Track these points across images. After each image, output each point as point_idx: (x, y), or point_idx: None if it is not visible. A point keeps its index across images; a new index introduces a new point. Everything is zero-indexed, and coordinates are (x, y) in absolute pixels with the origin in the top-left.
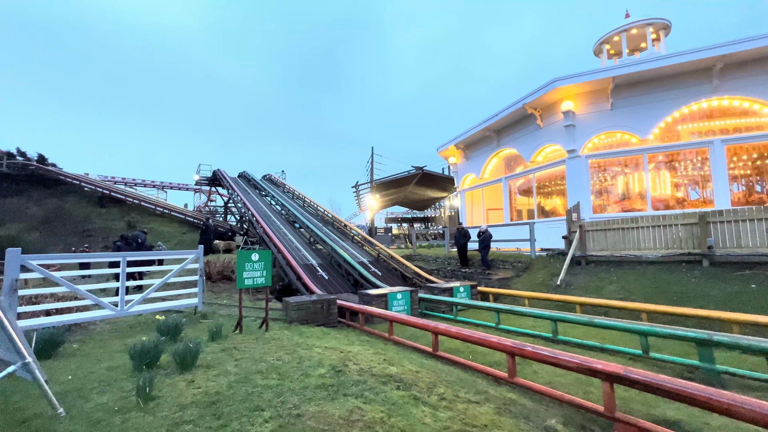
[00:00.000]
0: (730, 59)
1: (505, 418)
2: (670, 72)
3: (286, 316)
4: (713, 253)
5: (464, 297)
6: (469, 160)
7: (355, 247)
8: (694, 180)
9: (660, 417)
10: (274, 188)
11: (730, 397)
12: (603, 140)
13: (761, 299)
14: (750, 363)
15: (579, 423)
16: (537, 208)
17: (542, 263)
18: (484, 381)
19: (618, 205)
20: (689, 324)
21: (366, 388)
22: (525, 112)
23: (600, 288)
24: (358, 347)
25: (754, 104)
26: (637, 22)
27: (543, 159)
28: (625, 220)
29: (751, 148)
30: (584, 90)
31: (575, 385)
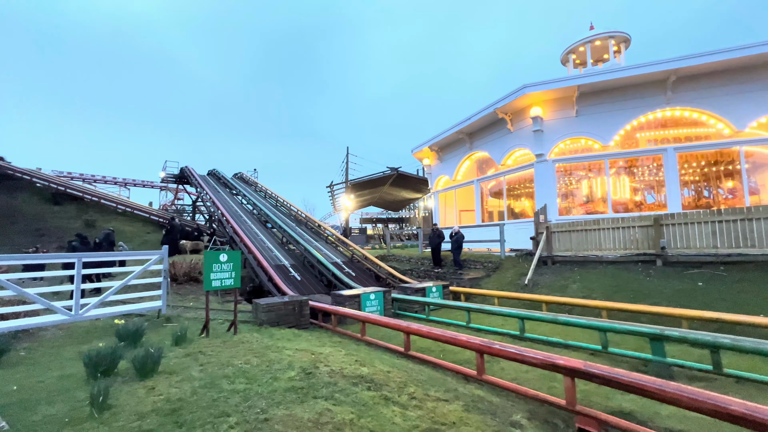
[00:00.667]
0: (681, 73)
1: (473, 415)
2: (629, 83)
3: (256, 318)
4: (666, 253)
5: (437, 297)
6: (442, 162)
7: (328, 248)
8: (651, 185)
9: (616, 408)
10: (246, 187)
11: (676, 387)
12: (569, 145)
13: (707, 296)
14: (696, 355)
15: (543, 417)
16: (507, 210)
17: (511, 263)
18: (454, 379)
19: (582, 208)
20: (644, 320)
21: (336, 390)
22: (496, 117)
23: (564, 287)
24: (329, 349)
25: (702, 115)
26: (601, 34)
27: (513, 162)
28: (588, 222)
29: (700, 156)
30: (552, 97)
31: (540, 381)
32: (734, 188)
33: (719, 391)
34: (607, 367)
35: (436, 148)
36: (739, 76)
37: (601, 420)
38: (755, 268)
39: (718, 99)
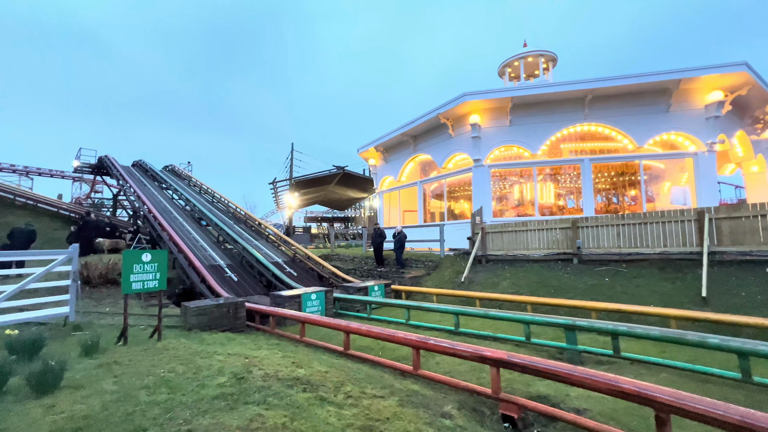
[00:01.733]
0: (596, 93)
1: (407, 409)
2: (555, 98)
3: (185, 322)
4: (581, 252)
5: (378, 295)
6: (387, 162)
7: (270, 247)
8: (571, 191)
9: (535, 393)
10: (178, 181)
11: (582, 371)
12: (503, 152)
13: (612, 290)
14: (601, 342)
15: (471, 406)
16: (447, 211)
17: (450, 262)
18: (391, 376)
19: (514, 211)
20: (562, 312)
21: (270, 394)
22: (439, 122)
23: (496, 284)
24: (266, 351)
25: (612, 131)
26: (532, 52)
27: (454, 166)
28: (518, 224)
29: (611, 167)
30: (489, 106)
31: (471, 372)
32: (636, 196)
33: (617, 372)
34: (527, 356)
35: (381, 149)
36: (639, 99)
37: (521, 405)
38: (649, 264)
39: (624, 118)
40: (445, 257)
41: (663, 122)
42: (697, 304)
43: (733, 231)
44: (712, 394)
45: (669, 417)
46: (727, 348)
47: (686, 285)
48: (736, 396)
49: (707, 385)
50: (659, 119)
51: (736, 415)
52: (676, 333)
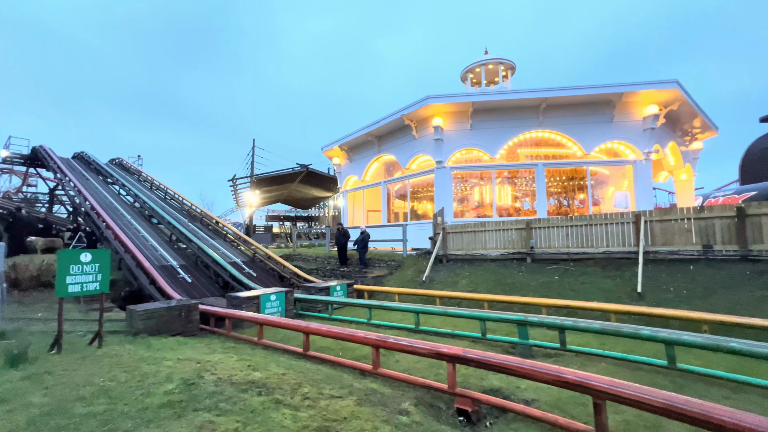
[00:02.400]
0: (549, 102)
1: (364, 408)
2: (512, 105)
3: (132, 327)
4: (534, 252)
5: (341, 295)
6: (352, 162)
7: (228, 247)
8: (527, 194)
9: (488, 387)
10: (126, 176)
11: (531, 364)
12: (464, 155)
13: (561, 287)
14: (550, 336)
15: (429, 402)
16: (411, 212)
17: (412, 261)
18: (350, 375)
19: (474, 212)
20: (516, 309)
21: (222, 399)
22: (403, 123)
23: (456, 282)
24: (220, 355)
25: (563, 138)
26: (493, 59)
27: (417, 167)
28: (477, 225)
29: (562, 172)
30: (451, 110)
31: (429, 369)
32: (584, 200)
33: (563, 364)
34: (481, 352)
35: (346, 148)
36: (587, 110)
37: (475, 398)
38: (594, 263)
39: (574, 126)
40: (407, 257)
41: (607, 131)
42: (634, 299)
43: (664, 232)
44: (643, 381)
45: (605, 403)
46: (656, 338)
47: (625, 281)
48: (663, 381)
49: (639, 372)
50: (604, 129)
51: (660, 398)
52: (614, 326)
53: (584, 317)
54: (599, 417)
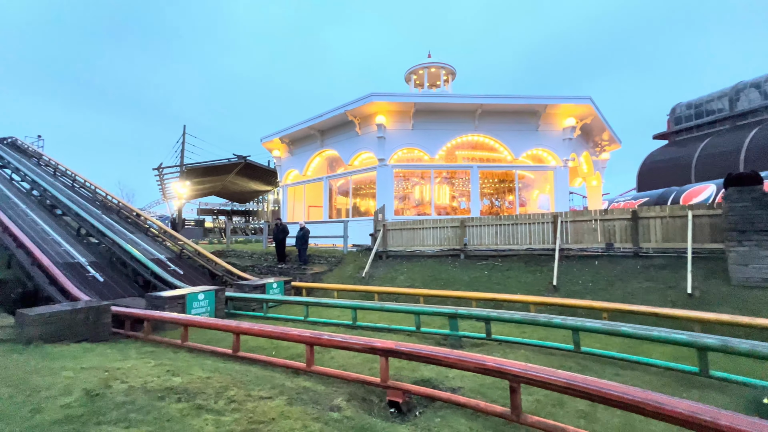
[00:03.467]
0: (485, 108)
1: (295, 407)
2: (451, 108)
3: (23, 334)
4: (467, 248)
5: (277, 293)
6: (293, 155)
7: (150, 242)
8: (463, 194)
9: (419, 378)
10: (22, 159)
11: (457, 354)
12: (405, 154)
13: (490, 281)
14: (478, 327)
15: (362, 396)
16: (353, 208)
17: (353, 258)
18: (283, 375)
19: (414, 210)
20: (449, 302)
21: (133, 409)
22: (346, 118)
23: (394, 278)
24: (134, 362)
25: (496, 143)
26: (435, 63)
27: (360, 164)
28: (416, 222)
29: (494, 174)
30: (394, 109)
31: (364, 364)
32: (512, 201)
33: (488, 352)
34: (413, 344)
35: (287, 141)
36: (517, 117)
37: (406, 390)
38: (518, 259)
39: (506, 132)
40: (348, 253)
41: (534, 139)
42: (550, 291)
43: (577, 231)
44: (554, 364)
45: (519, 386)
46: (565, 326)
47: (543, 275)
48: (570, 363)
49: (552, 356)
50: (531, 136)
51: (563, 379)
52: (531, 316)
53: (508, 309)
54: (514, 398)
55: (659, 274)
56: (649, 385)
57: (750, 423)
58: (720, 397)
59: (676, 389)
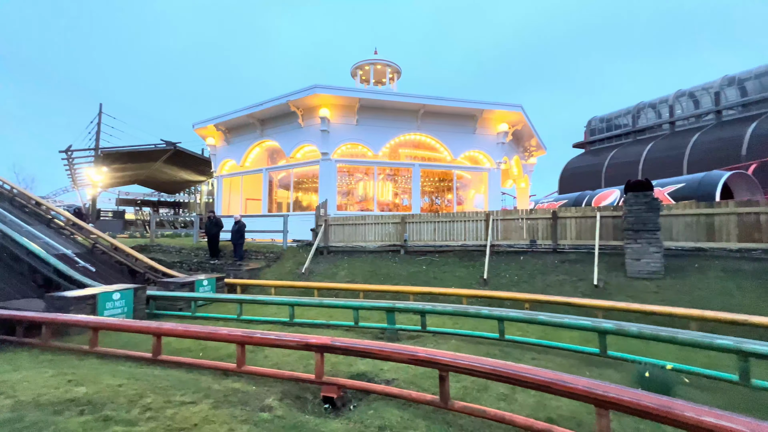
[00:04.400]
0: (427, 108)
1: (221, 411)
2: (396, 107)
3: None
4: (407, 244)
5: (208, 291)
6: (230, 144)
7: (54, 235)
8: (406, 191)
9: (355, 372)
10: None
11: (391, 347)
12: (349, 149)
13: (427, 275)
14: (414, 320)
15: (296, 395)
16: (294, 202)
17: (292, 253)
18: (210, 377)
19: (358, 205)
20: (388, 297)
21: (22, 427)
22: (289, 109)
23: (335, 273)
24: (27, 372)
25: (437, 143)
26: (381, 60)
27: (302, 156)
28: (358, 218)
29: (434, 173)
30: (339, 102)
31: (299, 361)
32: (451, 199)
33: (423, 344)
34: (348, 339)
35: (223, 128)
36: (457, 120)
37: (340, 385)
38: (454, 254)
39: (446, 134)
40: (288, 249)
41: (471, 141)
42: (481, 285)
43: (506, 229)
44: (481, 352)
45: (448, 374)
46: (492, 316)
47: (476, 270)
48: (495, 351)
49: (480, 345)
50: (469, 139)
51: (487, 365)
52: (463, 308)
53: (443, 302)
54: (443, 386)
55: (573, 268)
56: (560, 366)
57: (633, 393)
58: (615, 374)
59: (581, 369)
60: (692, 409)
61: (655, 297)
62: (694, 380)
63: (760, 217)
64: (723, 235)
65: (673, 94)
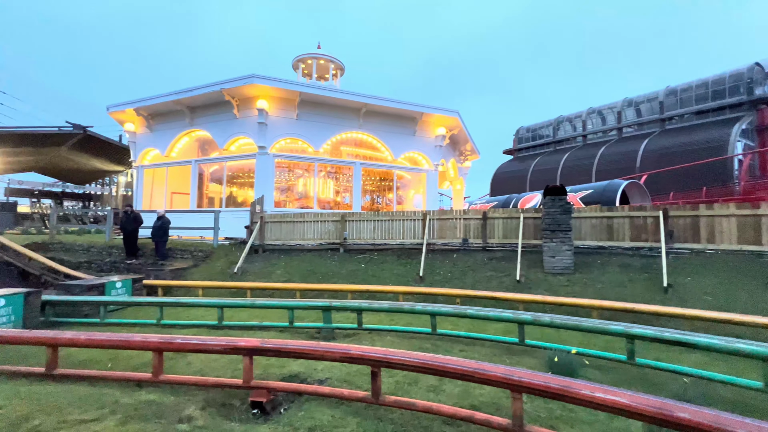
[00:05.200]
0: (369, 108)
1: (129, 426)
2: (338, 104)
3: None
4: (347, 242)
5: (122, 294)
6: (153, 132)
7: None
8: (347, 189)
9: (288, 374)
10: None
11: (325, 345)
12: (289, 144)
13: (366, 273)
14: (351, 318)
15: (220, 402)
16: (228, 198)
17: (224, 252)
18: (119, 390)
19: (298, 202)
20: (326, 295)
21: None
22: (223, 98)
23: (271, 273)
24: None
25: (378, 143)
26: (324, 55)
27: (237, 149)
28: (296, 215)
29: (376, 173)
30: (278, 95)
31: (228, 366)
32: (391, 199)
33: (359, 341)
34: (280, 340)
35: (146, 114)
36: (398, 121)
37: (271, 388)
38: (392, 252)
39: (387, 134)
40: (219, 247)
41: (411, 143)
42: (417, 282)
43: (441, 228)
44: (414, 347)
45: (380, 370)
46: (425, 311)
47: (412, 267)
48: (427, 345)
49: (414, 340)
50: (409, 140)
51: (417, 359)
52: (398, 305)
53: (381, 299)
54: (374, 382)
55: (500, 265)
56: (485, 356)
57: (542, 377)
58: (531, 360)
59: (502, 357)
60: (587, 387)
61: (566, 290)
62: (593, 362)
63: (647, 220)
64: (619, 235)
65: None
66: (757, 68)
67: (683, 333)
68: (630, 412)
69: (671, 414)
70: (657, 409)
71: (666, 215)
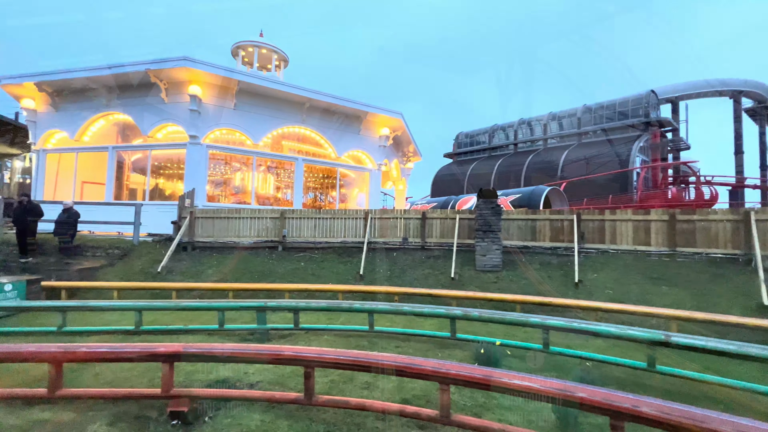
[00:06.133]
0: (313, 103)
1: None
2: (280, 96)
3: None
4: (286, 240)
5: (11, 298)
6: (59, 111)
7: None
8: (288, 185)
9: (215, 379)
10: None
11: (254, 348)
12: (225, 135)
13: (305, 272)
14: (288, 318)
15: (134, 415)
16: (154, 190)
17: (147, 249)
18: (4, 411)
19: (234, 197)
20: (262, 295)
21: None
22: (148, 79)
23: (201, 272)
24: None
25: (321, 140)
26: (266, 45)
27: (164, 137)
28: (231, 211)
29: (319, 170)
30: (213, 81)
31: (145, 375)
32: (334, 197)
33: (295, 341)
34: (205, 344)
35: (50, 90)
36: (342, 119)
37: (194, 396)
38: (333, 251)
39: (331, 131)
40: (140, 244)
41: (355, 141)
42: (357, 280)
43: (383, 227)
44: (351, 345)
45: (313, 370)
46: (363, 309)
47: (353, 266)
48: (363, 342)
49: (351, 338)
50: (353, 138)
51: (351, 357)
52: (336, 303)
53: (320, 298)
54: (307, 383)
55: (436, 263)
56: (419, 351)
57: (468, 369)
58: (461, 353)
59: (435, 352)
60: (506, 375)
61: (495, 286)
62: (515, 352)
63: (564, 223)
64: (541, 236)
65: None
66: (651, 95)
67: (589, 323)
68: (540, 396)
69: (573, 394)
70: (561, 391)
71: (579, 219)
